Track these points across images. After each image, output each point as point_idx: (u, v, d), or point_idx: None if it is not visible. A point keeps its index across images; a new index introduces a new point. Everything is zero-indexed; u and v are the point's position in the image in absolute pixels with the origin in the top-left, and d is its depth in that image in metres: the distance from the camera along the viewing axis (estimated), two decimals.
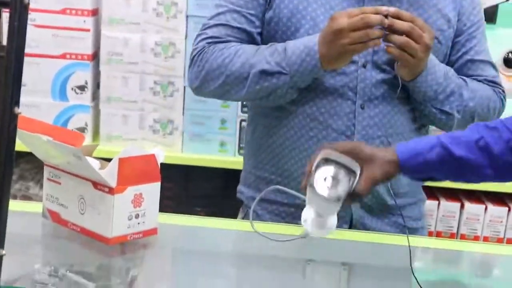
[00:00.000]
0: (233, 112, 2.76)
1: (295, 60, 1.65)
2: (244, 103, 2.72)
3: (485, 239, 2.85)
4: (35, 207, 1.65)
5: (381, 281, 1.54)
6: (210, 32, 1.75)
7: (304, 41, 1.66)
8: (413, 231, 1.84)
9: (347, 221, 1.81)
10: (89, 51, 2.65)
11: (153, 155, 1.53)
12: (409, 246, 1.49)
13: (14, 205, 1.63)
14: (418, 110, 1.81)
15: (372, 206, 1.81)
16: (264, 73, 1.67)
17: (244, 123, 2.74)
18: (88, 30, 2.63)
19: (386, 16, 1.56)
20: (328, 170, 1.40)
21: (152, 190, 1.53)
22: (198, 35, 1.78)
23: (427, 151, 1.47)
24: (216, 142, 2.77)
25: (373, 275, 1.57)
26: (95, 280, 1.38)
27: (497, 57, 2.74)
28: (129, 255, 1.52)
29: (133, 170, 1.48)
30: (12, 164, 1.05)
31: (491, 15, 2.73)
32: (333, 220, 1.46)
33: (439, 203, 2.80)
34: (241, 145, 2.77)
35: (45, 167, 1.59)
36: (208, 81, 1.74)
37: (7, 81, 1.00)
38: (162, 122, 2.72)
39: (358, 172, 1.41)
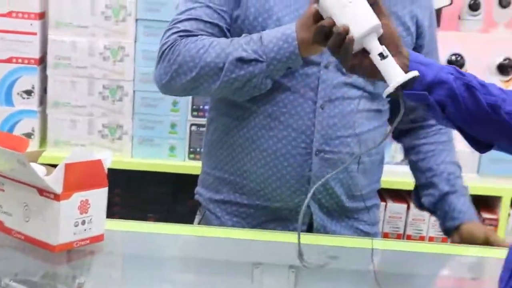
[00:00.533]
0: (183, 116, 2.76)
1: (272, 47, 1.65)
2: (195, 107, 2.74)
3: (431, 239, 2.87)
4: None
5: (329, 283, 1.54)
6: (182, 26, 1.72)
7: (281, 29, 1.66)
8: (368, 236, 1.86)
9: (306, 223, 1.80)
10: (36, 55, 2.63)
11: (99, 160, 1.51)
12: (372, 249, 1.53)
13: None
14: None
15: (330, 208, 1.81)
16: (240, 60, 1.66)
17: (194, 127, 2.76)
18: (35, 34, 2.61)
19: None
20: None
21: (99, 196, 1.52)
22: (168, 29, 1.75)
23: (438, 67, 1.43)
24: (166, 147, 2.76)
25: (321, 277, 1.57)
26: None
27: (442, 61, 2.78)
28: (76, 263, 1.51)
29: (79, 176, 1.46)
30: None
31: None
32: None
33: (386, 205, 2.80)
34: (191, 149, 2.78)
35: None
36: (180, 75, 1.71)
37: None
38: (111, 127, 2.70)
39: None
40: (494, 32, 2.97)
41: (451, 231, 1.86)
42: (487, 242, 1.78)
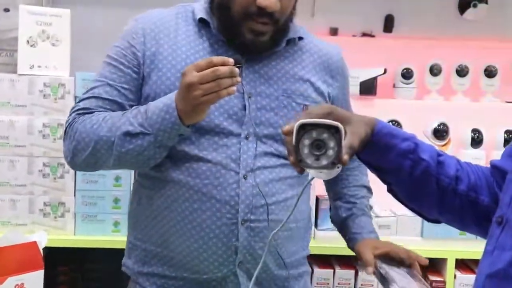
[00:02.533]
0: (127, 191, 2.70)
1: (156, 119, 1.64)
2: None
3: None
4: None
5: None
6: (82, 104, 1.74)
7: (163, 99, 1.67)
8: None
9: None
10: None
11: (34, 242, 1.53)
12: None
13: None
14: None
15: (259, 278, 1.76)
16: (128, 134, 1.66)
17: None
18: None
19: (235, 64, 1.59)
20: (310, 137, 1.33)
21: (34, 279, 1.53)
22: (71, 108, 1.77)
23: (401, 138, 1.40)
24: (109, 222, 2.70)
25: None
26: None
27: None
28: None
29: (13, 259, 1.51)
30: None
31: (370, 86, 2.90)
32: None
33: (334, 271, 2.77)
34: None
35: None
36: (79, 151, 1.70)
37: None
38: (53, 205, 2.64)
39: (342, 127, 1.34)
40: (428, 99, 3.09)
41: (354, 246, 1.87)
42: (388, 254, 1.77)
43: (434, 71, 3.00)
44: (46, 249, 1.62)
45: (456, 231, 2.65)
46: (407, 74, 2.97)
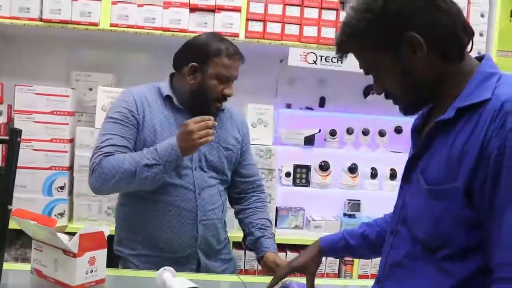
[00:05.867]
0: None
1: (164, 154, 1.59)
2: None
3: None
4: (27, 267, 1.59)
5: None
6: (105, 150, 1.64)
7: (168, 141, 1.61)
8: (229, 261, 1.86)
9: (195, 265, 1.76)
10: (67, 164, 2.54)
11: (102, 232, 1.50)
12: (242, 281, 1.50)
13: (15, 266, 1.63)
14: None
15: (208, 253, 1.79)
16: (146, 166, 1.59)
17: None
18: (66, 152, 2.53)
19: None
20: None
21: (101, 254, 1.50)
22: (95, 153, 1.65)
23: (337, 242, 1.40)
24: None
25: None
26: None
27: (315, 164, 2.83)
28: None
29: (88, 241, 1.45)
30: (4, 241, 1.06)
31: (311, 139, 2.85)
32: None
33: (286, 254, 2.64)
34: None
35: (33, 241, 1.55)
36: (107, 180, 1.60)
37: (3, 189, 1.04)
38: (113, 209, 2.53)
39: None
40: (345, 148, 2.95)
41: (261, 260, 1.78)
42: (278, 265, 1.68)
43: (349, 131, 2.95)
44: (109, 236, 1.53)
45: None
46: (333, 133, 2.91)
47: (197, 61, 1.67)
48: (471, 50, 1.02)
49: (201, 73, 1.67)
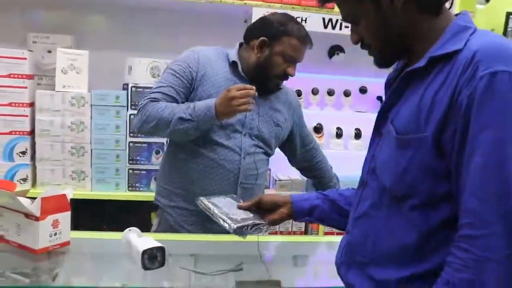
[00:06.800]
0: (124, 164, 2.60)
1: (199, 113, 1.63)
2: (131, 157, 2.57)
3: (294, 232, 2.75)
4: None
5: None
6: (153, 96, 1.70)
7: (207, 101, 1.65)
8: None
9: None
10: (28, 128, 2.50)
11: (64, 194, 1.50)
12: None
13: None
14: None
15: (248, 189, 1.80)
16: (180, 119, 1.63)
17: (131, 171, 2.60)
18: (26, 116, 2.48)
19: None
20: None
21: (64, 217, 1.50)
22: (145, 96, 1.72)
23: (313, 198, 1.32)
24: (113, 184, 2.62)
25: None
26: (30, 277, 1.35)
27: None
28: (52, 260, 1.46)
29: (51, 205, 1.45)
30: None
31: None
32: None
33: None
34: (129, 185, 2.60)
35: None
36: (147, 123, 1.67)
37: None
38: (77, 173, 2.56)
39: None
40: (310, 108, 2.90)
41: None
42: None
43: (314, 92, 2.94)
44: (73, 200, 1.53)
45: None
46: (298, 93, 2.84)
47: (268, 36, 1.71)
48: (450, 7, 1.00)
49: (269, 48, 1.71)
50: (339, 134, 2.92)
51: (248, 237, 1.28)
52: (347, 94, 2.95)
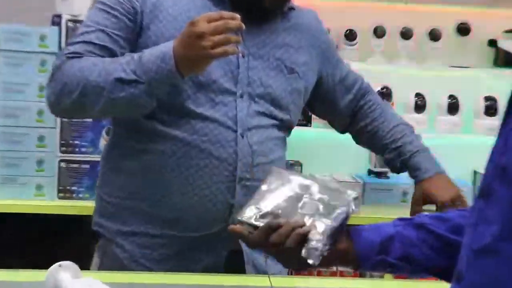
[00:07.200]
0: (51, 152, 1.97)
1: (150, 67, 1.35)
2: (63, 142, 1.99)
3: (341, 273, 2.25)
4: None
5: None
6: (72, 49, 1.43)
7: (160, 47, 1.38)
8: None
9: (227, 250, 1.56)
10: None
11: None
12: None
13: None
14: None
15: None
16: (120, 81, 1.36)
17: (63, 164, 1.99)
18: None
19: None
20: None
21: None
22: (61, 51, 1.54)
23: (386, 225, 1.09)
24: (32, 186, 1.98)
25: None
26: None
27: None
28: None
29: None
30: None
31: None
32: None
33: None
34: (60, 188, 2.02)
35: None
36: (65, 94, 1.39)
37: None
38: None
39: None
40: (371, 60, 2.40)
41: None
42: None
43: (378, 33, 2.32)
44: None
45: (398, 198, 2.13)
46: (350, 36, 2.32)
47: None
48: None
49: None
50: (419, 106, 2.32)
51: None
52: (434, 37, 2.36)
